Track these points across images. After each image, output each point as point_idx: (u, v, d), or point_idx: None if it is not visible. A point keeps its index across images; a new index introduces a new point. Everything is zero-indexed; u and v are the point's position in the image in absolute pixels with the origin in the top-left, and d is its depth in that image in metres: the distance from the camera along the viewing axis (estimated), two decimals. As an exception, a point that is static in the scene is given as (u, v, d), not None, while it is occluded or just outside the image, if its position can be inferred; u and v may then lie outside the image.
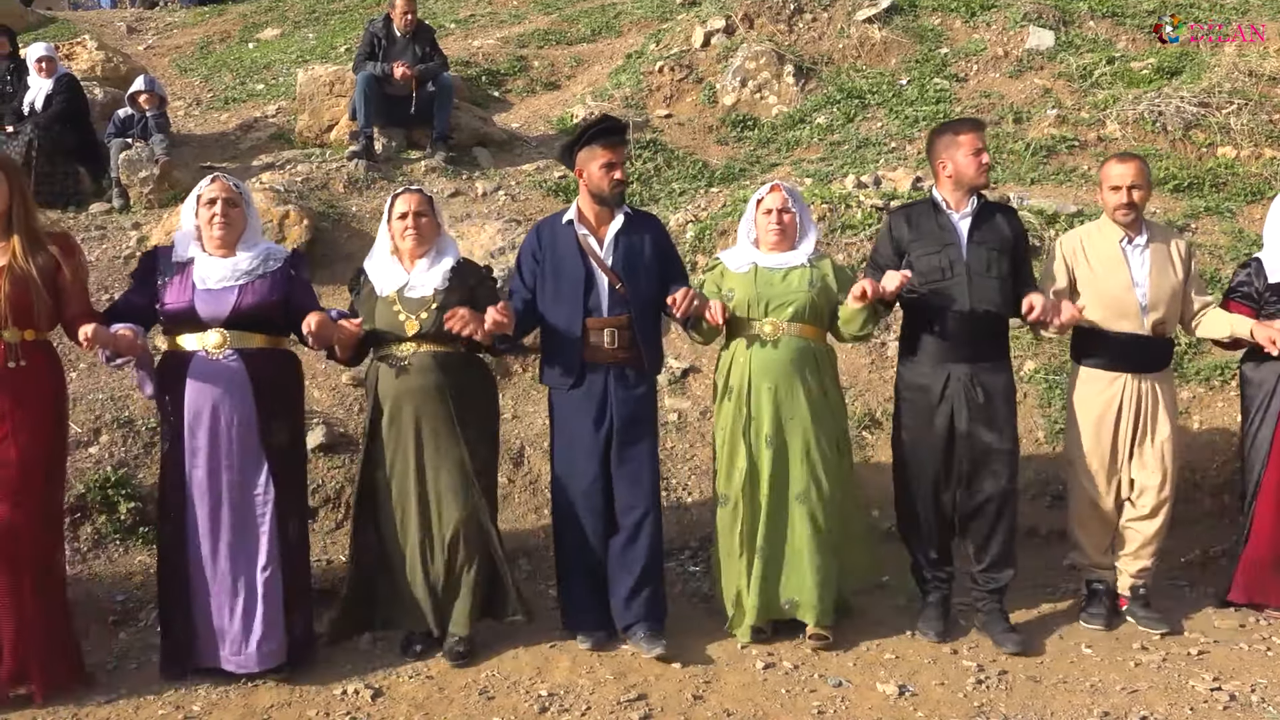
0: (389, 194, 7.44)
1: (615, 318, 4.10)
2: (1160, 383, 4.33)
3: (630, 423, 4.14)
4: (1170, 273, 4.30)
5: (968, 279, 4.13)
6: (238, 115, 9.37)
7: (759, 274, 4.19)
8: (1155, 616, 4.35)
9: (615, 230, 4.17)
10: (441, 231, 4.23)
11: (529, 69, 10.47)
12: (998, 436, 4.18)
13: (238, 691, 3.84)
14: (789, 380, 4.11)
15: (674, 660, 4.06)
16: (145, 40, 12.83)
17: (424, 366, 4.01)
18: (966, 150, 4.22)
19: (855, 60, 9.70)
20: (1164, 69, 8.78)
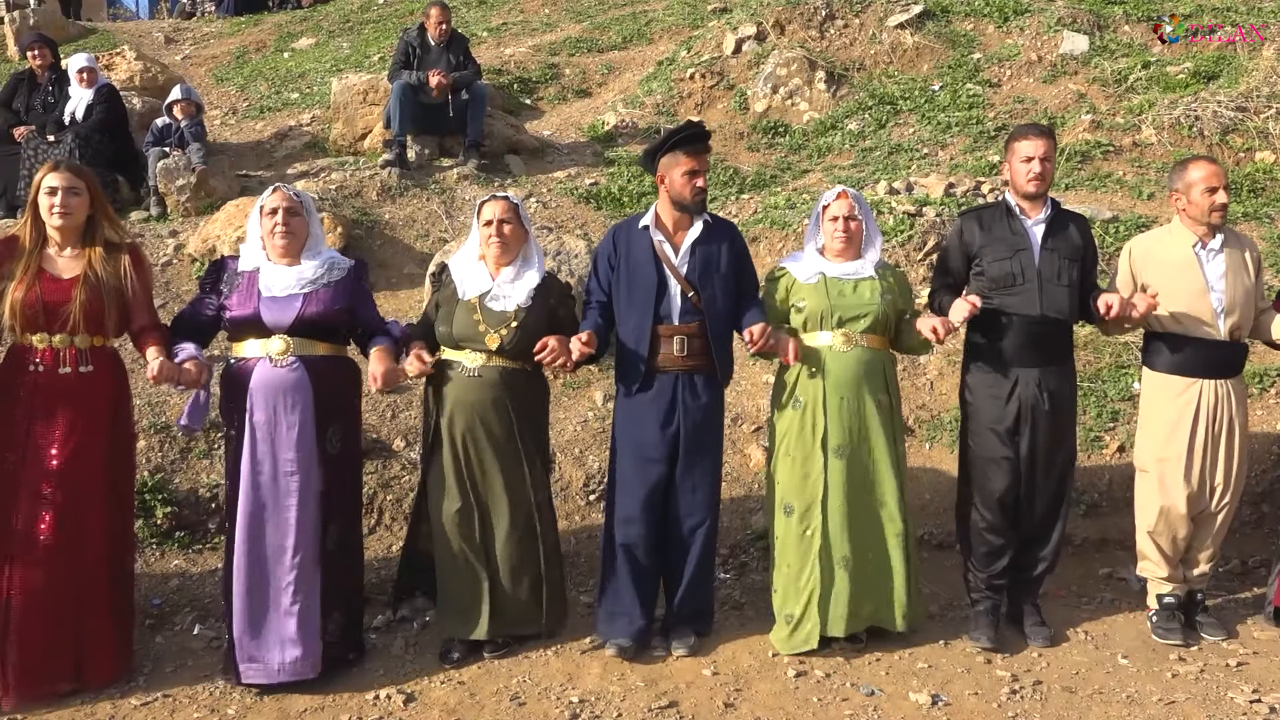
0: (421, 201, 7.59)
1: (686, 325, 4.09)
2: (1235, 387, 4.28)
3: (697, 431, 4.13)
4: (1244, 277, 4.25)
5: (1039, 286, 4.14)
6: (273, 124, 9.47)
7: (829, 284, 4.16)
8: (1214, 623, 4.33)
9: (693, 238, 4.15)
10: (528, 239, 4.23)
11: (560, 76, 10.51)
12: (1062, 441, 4.22)
13: (271, 696, 3.87)
14: (861, 390, 4.11)
15: (704, 666, 4.05)
16: (182, 50, 13.00)
17: (492, 381, 4.05)
18: (1018, 157, 4.22)
19: (887, 66, 9.67)
20: (1200, 73, 8.69)
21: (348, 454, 4.10)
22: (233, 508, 3.92)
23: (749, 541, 5.12)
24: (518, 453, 4.09)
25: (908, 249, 6.44)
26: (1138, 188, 7.36)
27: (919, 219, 6.64)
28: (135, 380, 5.51)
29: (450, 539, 4.08)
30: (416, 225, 7.33)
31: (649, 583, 4.20)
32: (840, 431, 4.10)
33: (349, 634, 4.11)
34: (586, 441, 5.57)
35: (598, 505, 5.23)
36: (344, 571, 4.07)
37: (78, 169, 3.96)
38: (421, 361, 4.02)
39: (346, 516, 4.11)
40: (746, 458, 5.56)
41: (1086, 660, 4.16)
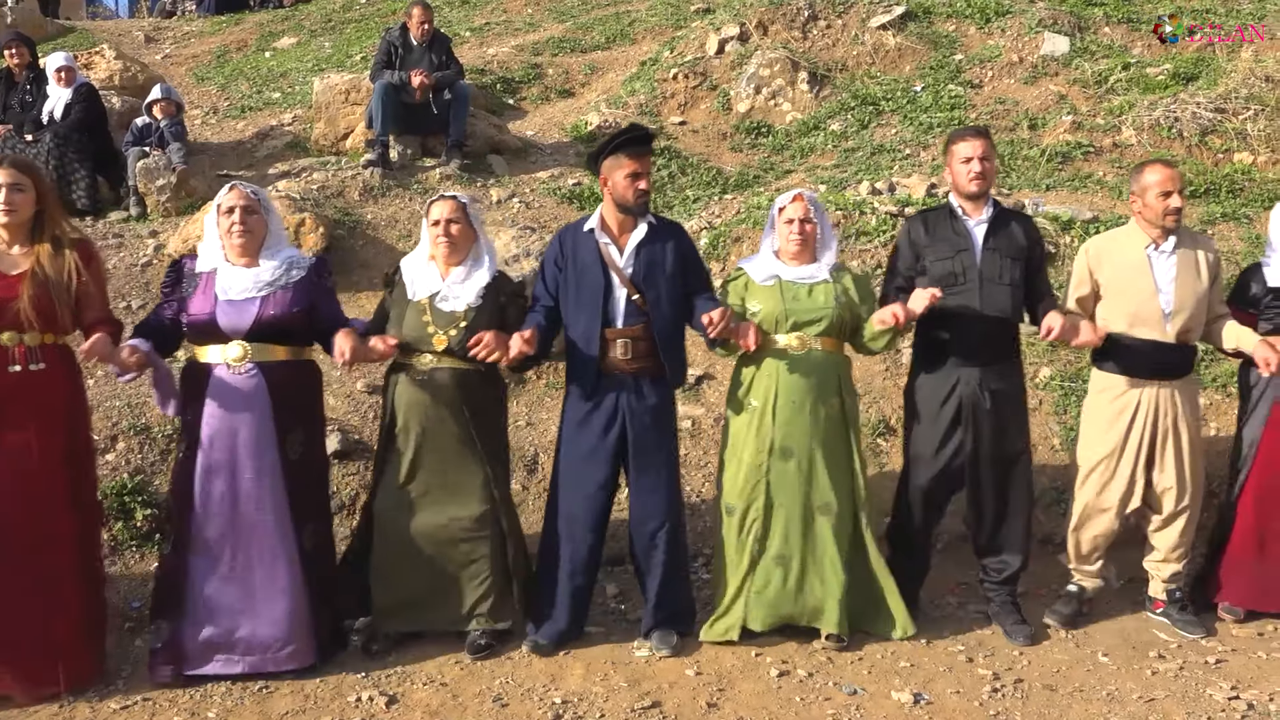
0: (404, 201, 7.56)
1: (630, 328, 4.09)
2: (1181, 390, 4.31)
3: (645, 434, 4.13)
4: (1196, 281, 4.27)
5: (979, 285, 4.16)
6: (254, 123, 9.43)
7: (784, 288, 4.18)
8: (1192, 620, 4.37)
9: (637, 240, 4.15)
10: (478, 239, 4.21)
11: (543, 76, 10.50)
12: (1007, 439, 4.23)
13: (252, 698, 3.85)
14: (814, 394, 4.12)
15: (687, 666, 4.05)
16: (163, 49, 12.94)
17: (444, 382, 4.04)
18: (958, 159, 4.25)
19: (869, 67, 9.70)
20: (1180, 75, 8.75)
21: (311, 458, 4.05)
22: (182, 513, 3.88)
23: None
24: (475, 452, 4.08)
25: (890, 249, 6.45)
26: (1118, 188, 7.40)
27: (901, 219, 6.66)
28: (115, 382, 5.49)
29: (401, 537, 4.06)
30: (399, 225, 7.30)
31: (581, 588, 4.22)
32: (789, 434, 4.12)
33: (337, 631, 4.13)
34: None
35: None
36: (326, 570, 4.07)
37: (24, 165, 3.89)
38: (385, 343, 3.94)
39: (319, 519, 4.09)
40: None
41: (1067, 658, 4.19)
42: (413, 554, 4.08)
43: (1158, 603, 4.47)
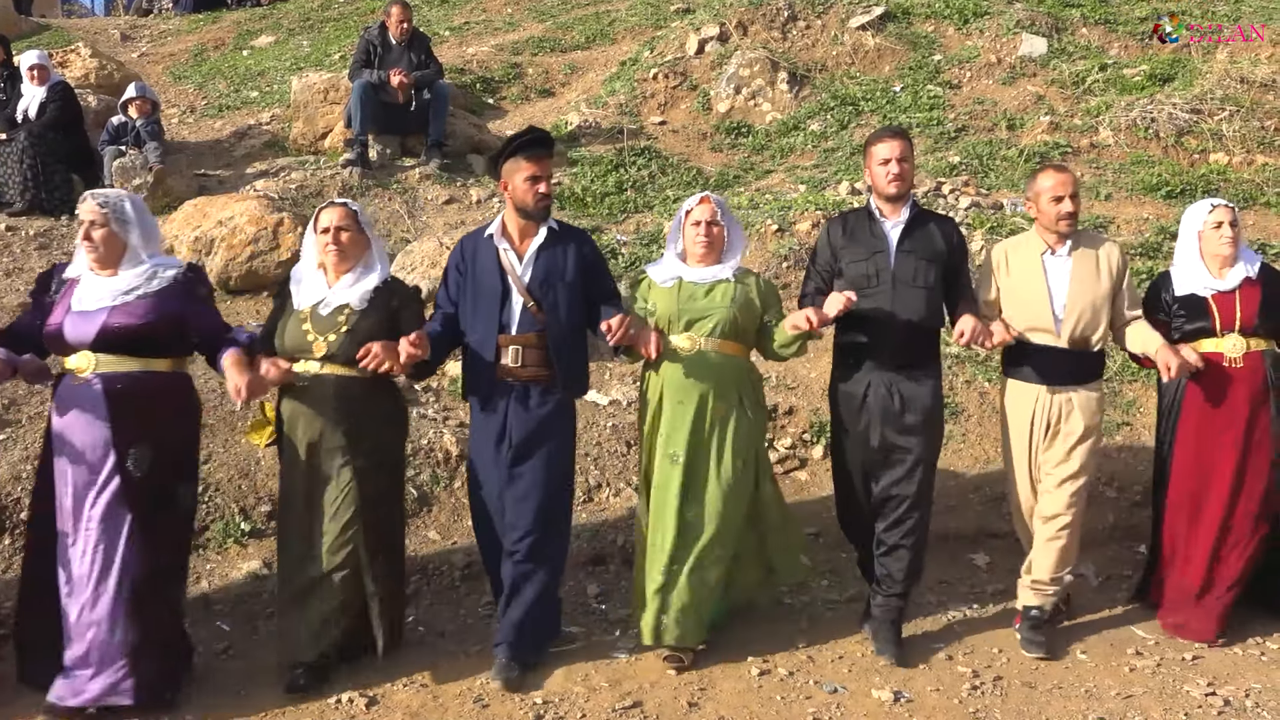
0: (384, 201, 7.54)
1: (523, 335, 3.99)
2: (1078, 395, 4.20)
3: (526, 443, 3.99)
4: (1094, 284, 4.19)
5: (893, 287, 4.09)
6: (232, 122, 9.37)
7: (682, 288, 4.11)
8: (1039, 640, 4.20)
9: (536, 246, 4.06)
10: (370, 247, 4.06)
11: (523, 76, 10.49)
12: (911, 444, 4.11)
13: (230, 699, 3.83)
14: (704, 397, 4.02)
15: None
16: (139, 48, 12.84)
17: (326, 389, 3.88)
18: (876, 160, 4.18)
19: (849, 67, 9.73)
20: (1156, 75, 8.83)
21: (161, 476, 3.73)
22: (37, 522, 3.79)
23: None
24: (352, 463, 3.87)
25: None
26: (1095, 188, 7.46)
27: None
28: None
29: (286, 554, 3.93)
30: (379, 225, 7.27)
31: None
32: (673, 438, 4.03)
33: (167, 669, 3.78)
34: (550, 442, 5.56)
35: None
36: (165, 603, 3.78)
37: None
38: (278, 367, 3.78)
39: (165, 546, 3.78)
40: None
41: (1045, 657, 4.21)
42: (293, 579, 3.91)
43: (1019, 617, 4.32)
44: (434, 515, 5.15)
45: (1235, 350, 4.23)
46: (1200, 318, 4.27)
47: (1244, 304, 4.24)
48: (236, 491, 5.02)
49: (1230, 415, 4.24)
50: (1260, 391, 4.23)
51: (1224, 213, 4.30)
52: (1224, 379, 4.23)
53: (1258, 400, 4.23)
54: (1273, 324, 4.28)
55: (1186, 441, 4.31)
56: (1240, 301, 4.24)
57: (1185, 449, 4.32)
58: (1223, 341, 4.24)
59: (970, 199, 7.04)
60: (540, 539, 4.01)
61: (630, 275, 6.48)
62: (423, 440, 5.37)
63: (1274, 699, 3.86)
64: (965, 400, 5.91)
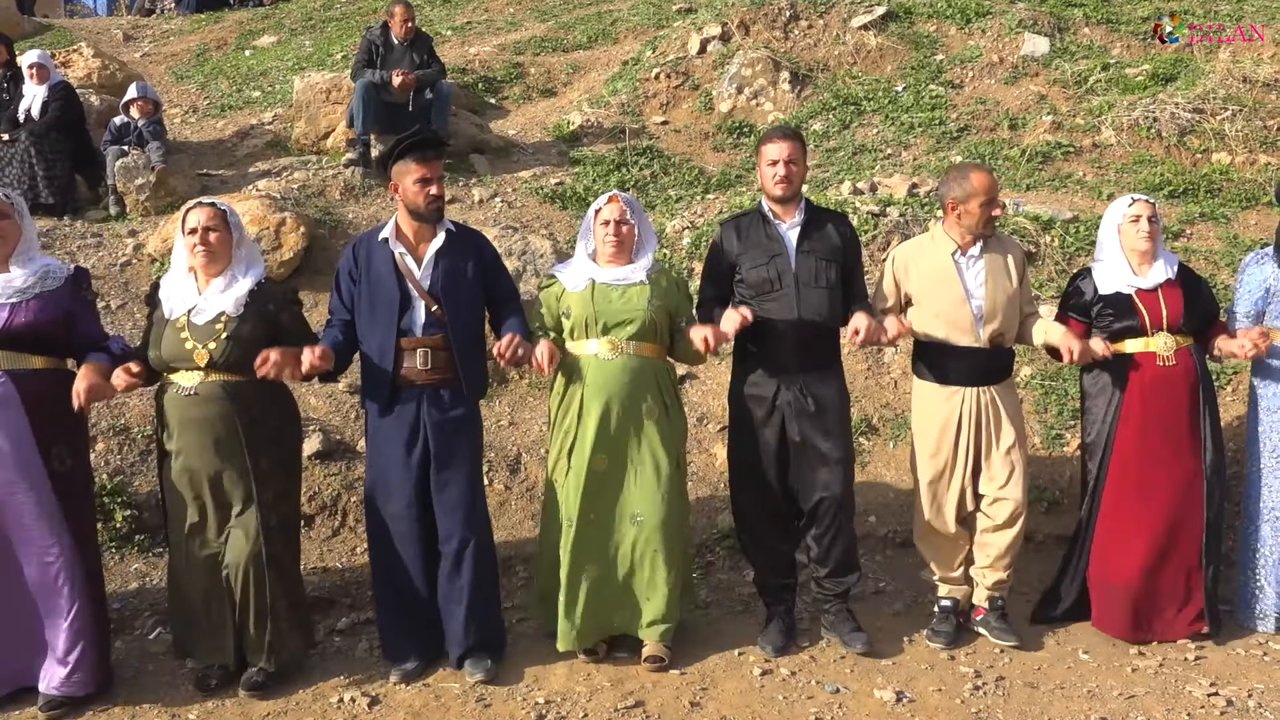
0: (385, 201, 7.53)
1: (429, 338, 3.92)
2: (1001, 393, 4.24)
3: (446, 449, 3.95)
4: (1006, 283, 4.20)
5: (796, 290, 4.08)
6: (234, 122, 9.38)
7: (596, 291, 4.06)
8: (1006, 629, 4.27)
9: (435, 249, 3.99)
10: (241, 247, 3.95)
11: (525, 76, 10.49)
12: (830, 444, 4.11)
13: (233, 700, 3.84)
14: (626, 399, 4.00)
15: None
16: (142, 48, 12.85)
17: (211, 396, 3.78)
18: (765, 160, 4.17)
19: (851, 67, 9.72)
20: (1159, 75, 8.81)
21: (79, 471, 3.85)
22: None
23: (714, 540, 5.12)
24: (245, 470, 3.80)
25: (871, 249, 6.47)
26: (1098, 188, 7.45)
27: (883, 219, 6.68)
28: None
29: (182, 562, 3.86)
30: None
31: (423, 605, 4.02)
32: (603, 441, 3.99)
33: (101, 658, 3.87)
34: (552, 442, 5.56)
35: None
36: (99, 590, 3.90)
37: None
38: (129, 373, 3.72)
39: (87, 537, 3.87)
40: (713, 457, 5.56)
41: (1048, 656, 4.21)
42: (193, 586, 3.86)
43: (978, 609, 4.35)
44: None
45: (1167, 349, 4.20)
46: (1128, 316, 4.23)
47: (1169, 302, 4.21)
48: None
49: (1172, 413, 4.21)
50: (1195, 387, 4.24)
51: (1143, 207, 4.26)
52: (1160, 378, 4.20)
53: (1195, 396, 4.24)
54: (1195, 323, 4.27)
55: (1126, 441, 4.25)
56: (1164, 299, 4.22)
57: (1124, 449, 4.25)
58: (1153, 340, 4.21)
59: (972, 199, 7.04)
60: (479, 543, 4.00)
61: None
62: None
63: (1277, 699, 3.85)
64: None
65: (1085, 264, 6.13)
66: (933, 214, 6.86)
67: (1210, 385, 4.34)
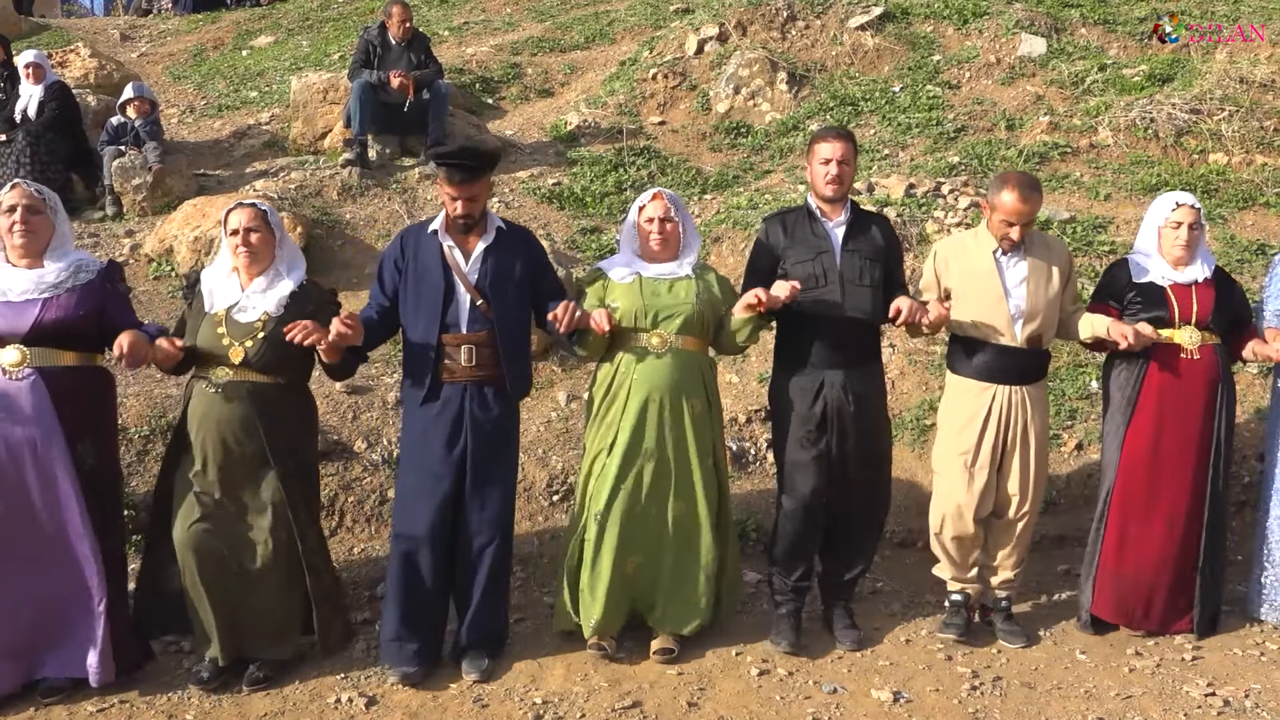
0: (383, 201, 7.53)
1: (474, 334, 3.93)
2: (1032, 394, 4.25)
3: (487, 445, 3.96)
4: (1047, 285, 4.21)
5: (841, 287, 4.12)
6: (231, 122, 9.37)
7: (644, 284, 4.09)
8: (1015, 630, 4.32)
9: (484, 246, 4.01)
10: (283, 248, 4.00)
11: (523, 76, 10.48)
12: (871, 440, 4.20)
13: (230, 700, 3.83)
14: (675, 393, 4.03)
15: (669, 665, 4.04)
16: (139, 48, 12.84)
17: (238, 395, 3.81)
18: (818, 159, 4.21)
19: (848, 67, 9.73)
20: (1156, 76, 8.82)
21: (105, 468, 3.86)
22: None
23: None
24: (269, 469, 3.85)
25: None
26: (1094, 189, 7.46)
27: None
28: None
29: (195, 558, 3.79)
30: (378, 225, 7.27)
31: (435, 607, 4.02)
32: (650, 435, 4.02)
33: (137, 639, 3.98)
34: (550, 442, 5.56)
35: (561, 505, 5.22)
36: (124, 583, 3.95)
37: None
38: (171, 344, 3.77)
39: (117, 532, 3.93)
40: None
41: (1045, 656, 4.21)
42: (208, 579, 3.81)
43: (987, 610, 4.42)
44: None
45: (1192, 342, 4.22)
46: (1158, 307, 4.25)
47: (1200, 298, 4.24)
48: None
49: (1190, 406, 4.24)
50: (1215, 384, 4.25)
51: (1186, 213, 4.25)
52: (1183, 369, 4.23)
53: (1213, 393, 4.25)
54: (1222, 323, 4.29)
55: (1142, 431, 4.26)
56: (1197, 296, 4.24)
57: (1139, 439, 4.27)
58: (1179, 333, 4.23)
59: (970, 199, 7.03)
60: (503, 542, 4.05)
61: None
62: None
63: (1273, 699, 3.86)
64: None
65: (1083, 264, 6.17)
66: (930, 214, 6.87)
67: (1231, 386, 4.35)
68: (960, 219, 6.85)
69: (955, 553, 4.35)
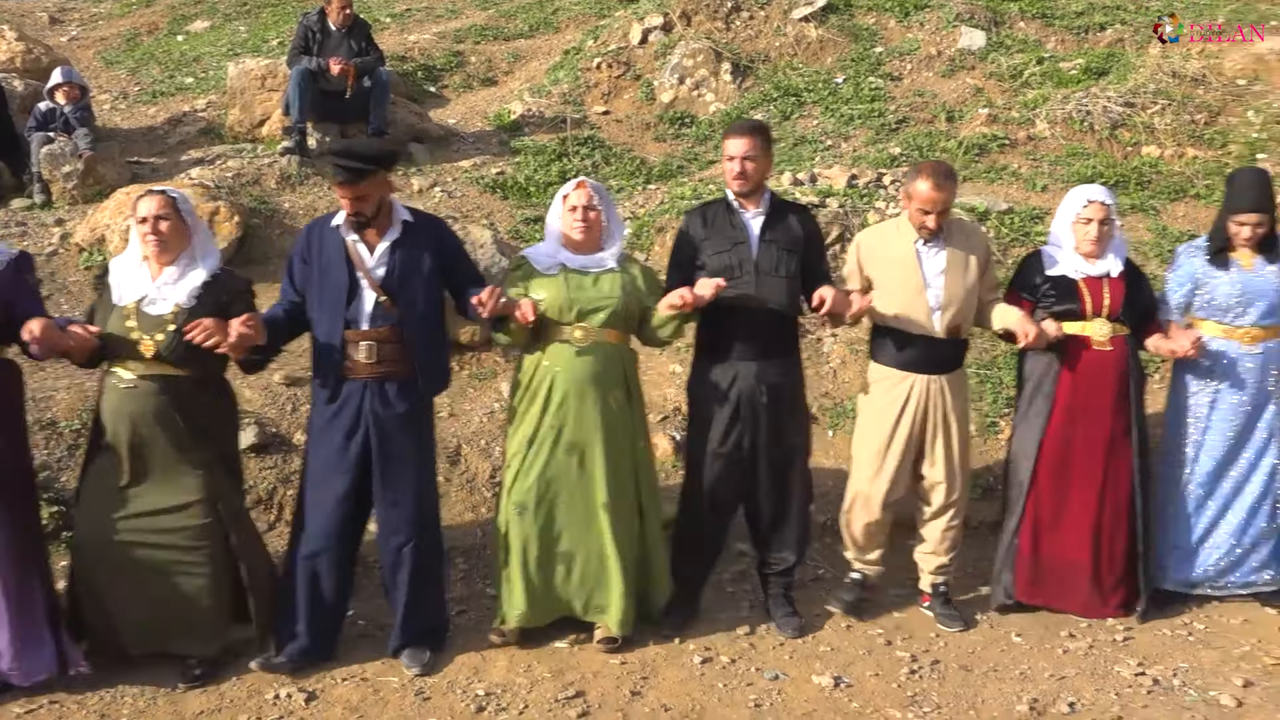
0: (323, 190, 7.42)
1: (376, 330, 3.84)
2: (951, 383, 4.28)
3: (390, 444, 3.87)
4: (965, 274, 4.22)
5: (756, 277, 4.10)
6: (166, 109, 9.18)
7: (569, 277, 4.04)
8: (953, 614, 4.39)
9: (391, 239, 3.90)
10: (196, 235, 3.88)
11: (466, 65, 10.39)
12: (785, 434, 4.20)
13: (165, 698, 3.77)
14: (596, 386, 4.00)
15: (611, 655, 4.05)
16: (69, 31, 12.51)
17: (151, 389, 3.72)
18: (725, 155, 4.20)
19: (792, 58, 9.78)
20: (1092, 69, 8.97)
21: (13, 463, 3.75)
22: None
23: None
24: (187, 464, 3.78)
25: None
26: (1032, 180, 7.57)
27: (822, 210, 6.73)
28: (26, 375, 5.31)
29: (110, 555, 3.75)
30: (318, 214, 7.08)
31: (328, 606, 3.97)
32: (573, 428, 4.00)
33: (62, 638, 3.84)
34: (493, 433, 5.53)
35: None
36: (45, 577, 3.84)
37: None
38: (85, 330, 3.66)
39: (27, 523, 3.80)
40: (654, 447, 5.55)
41: (982, 639, 4.28)
42: (127, 575, 3.77)
43: (924, 596, 4.49)
44: (374, 508, 5.09)
45: (1103, 334, 4.28)
46: (1069, 299, 4.30)
47: (1112, 291, 4.28)
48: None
49: (1102, 397, 4.30)
50: (1126, 376, 4.32)
51: (1096, 210, 4.26)
52: (1094, 361, 4.29)
53: (1124, 384, 4.32)
54: (1133, 315, 4.33)
55: (1057, 422, 4.33)
56: (1109, 289, 4.28)
57: (1054, 431, 4.33)
58: (1091, 325, 4.28)
59: (910, 190, 7.12)
60: (423, 540, 3.96)
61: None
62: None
63: (1199, 677, 3.97)
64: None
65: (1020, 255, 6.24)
66: (871, 205, 6.93)
67: (1141, 376, 4.43)
68: (901, 209, 6.91)
69: (860, 536, 4.40)
